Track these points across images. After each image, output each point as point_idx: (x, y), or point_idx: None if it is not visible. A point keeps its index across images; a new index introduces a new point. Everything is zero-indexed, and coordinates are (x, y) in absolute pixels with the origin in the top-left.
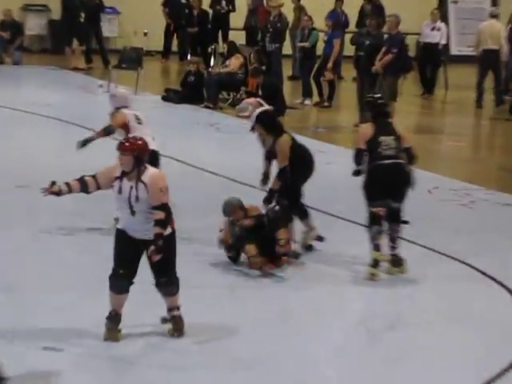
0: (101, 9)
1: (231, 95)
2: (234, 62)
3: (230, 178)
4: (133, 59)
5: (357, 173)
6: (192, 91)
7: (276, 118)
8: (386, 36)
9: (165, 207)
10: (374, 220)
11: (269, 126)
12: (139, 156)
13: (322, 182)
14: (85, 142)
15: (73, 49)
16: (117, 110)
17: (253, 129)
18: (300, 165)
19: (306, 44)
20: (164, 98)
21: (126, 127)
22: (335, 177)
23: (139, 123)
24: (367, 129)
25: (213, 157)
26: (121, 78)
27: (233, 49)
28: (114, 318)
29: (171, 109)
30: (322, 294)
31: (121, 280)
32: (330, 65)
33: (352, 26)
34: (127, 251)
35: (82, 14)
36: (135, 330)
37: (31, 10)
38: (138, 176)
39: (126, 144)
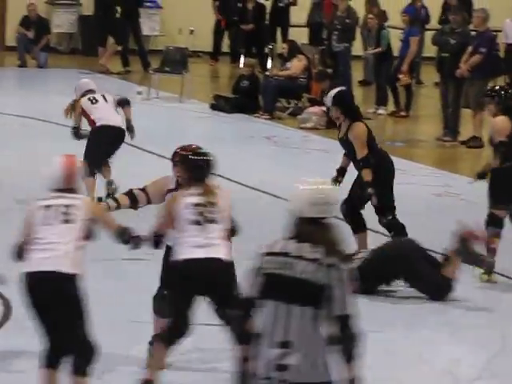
0: (140, 3)
1: (291, 103)
2: (296, 65)
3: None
4: (177, 61)
5: (482, 176)
6: (246, 98)
7: (354, 98)
8: (473, 34)
9: None
10: (493, 221)
11: (347, 107)
12: None
13: (399, 205)
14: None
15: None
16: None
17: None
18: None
19: (378, 50)
20: (213, 107)
21: (83, 113)
22: (415, 200)
23: (93, 103)
24: (505, 122)
25: (270, 175)
26: (163, 83)
27: (294, 49)
28: None
29: (221, 119)
30: (398, 337)
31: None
32: (405, 67)
33: (434, 22)
34: None
35: (118, 9)
36: None
37: (59, 5)
38: None
39: (182, 153)
